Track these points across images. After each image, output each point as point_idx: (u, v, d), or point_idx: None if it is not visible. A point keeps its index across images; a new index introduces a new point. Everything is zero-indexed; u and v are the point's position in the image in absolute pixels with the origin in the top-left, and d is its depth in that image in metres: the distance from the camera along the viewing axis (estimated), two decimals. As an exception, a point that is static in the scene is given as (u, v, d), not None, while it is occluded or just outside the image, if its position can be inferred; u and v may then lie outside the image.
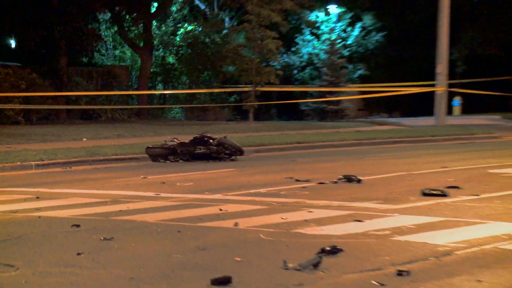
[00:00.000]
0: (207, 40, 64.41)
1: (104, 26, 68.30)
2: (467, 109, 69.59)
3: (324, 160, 38.07)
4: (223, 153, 37.56)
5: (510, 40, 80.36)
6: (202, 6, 66.44)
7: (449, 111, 62.39)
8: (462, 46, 75.18)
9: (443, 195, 27.59)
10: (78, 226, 21.37)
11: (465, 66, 75.57)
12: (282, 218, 23.22)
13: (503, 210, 24.63)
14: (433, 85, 57.93)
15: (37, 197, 27.31)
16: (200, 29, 65.93)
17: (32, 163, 35.86)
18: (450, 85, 60.56)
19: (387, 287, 15.28)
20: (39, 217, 23.16)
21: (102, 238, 19.42)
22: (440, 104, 58.22)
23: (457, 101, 66.50)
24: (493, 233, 21.01)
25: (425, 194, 27.69)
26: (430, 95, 58.68)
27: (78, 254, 17.52)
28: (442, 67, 57.11)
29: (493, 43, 79.31)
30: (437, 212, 24.48)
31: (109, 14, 66.69)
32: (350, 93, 66.32)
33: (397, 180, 31.61)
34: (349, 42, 70.50)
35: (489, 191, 28.65)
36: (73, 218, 22.56)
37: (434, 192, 28.23)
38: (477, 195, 27.51)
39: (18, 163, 35.79)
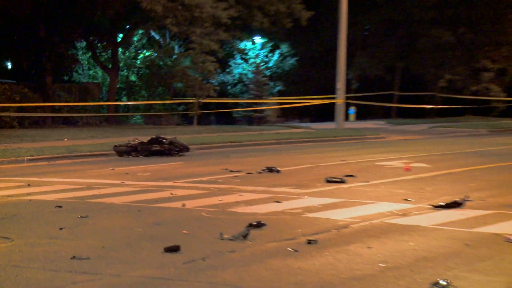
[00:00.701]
0: (161, 63, 64.38)
1: (80, 52, 68.21)
2: (360, 116, 69.87)
3: (251, 155, 38.15)
4: (174, 150, 37.81)
5: (391, 64, 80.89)
6: (157, 37, 66.30)
7: (346, 118, 62.54)
8: (355, 68, 75.39)
9: (342, 181, 28.66)
10: (60, 207, 22.05)
11: (358, 84, 76.02)
12: (219, 200, 24.12)
13: (387, 193, 25.63)
14: (334, 98, 58.20)
15: (28, 184, 27.85)
16: (156, 54, 65.88)
17: (25, 158, 36.27)
18: (347, 98, 60.81)
19: (299, 252, 15.78)
20: (30, 200, 23.88)
21: (79, 216, 20.32)
22: (339, 112, 58.50)
23: (352, 110, 66.65)
24: (380, 211, 22.04)
25: (328, 181, 28.39)
26: (332, 105, 58.89)
27: (60, 228, 18.52)
28: (340, 84, 57.47)
29: (379, 66, 79.54)
30: (338, 195, 25.13)
31: (84, 43, 66.56)
32: (271, 103, 66.37)
33: (307, 171, 32.17)
34: (270, 64, 70.50)
35: (376, 178, 29.32)
36: (56, 201, 23.29)
37: (335, 179, 28.74)
38: (368, 182, 28.42)
39: (13, 158, 36.29)
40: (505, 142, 52.35)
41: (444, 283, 13.67)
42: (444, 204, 23.41)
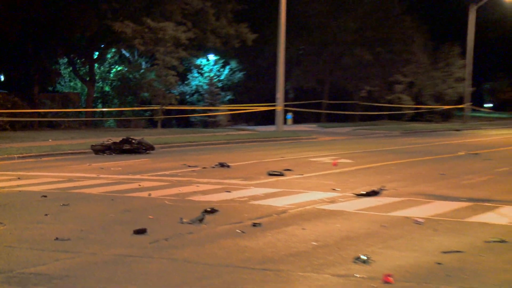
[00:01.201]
0: (130, 76, 64.10)
1: (63, 67, 67.74)
2: (296, 121, 69.74)
3: (206, 153, 38.03)
4: (141, 148, 37.65)
5: (321, 77, 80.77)
6: (127, 54, 66.02)
7: (285, 122, 62.47)
8: (292, 81, 75.24)
9: (281, 174, 28.71)
10: (45, 196, 21.88)
11: (294, 94, 75.91)
12: (179, 190, 24.20)
13: (318, 184, 25.83)
14: (274, 105, 58.07)
15: (19, 178, 27.72)
16: (126, 69, 65.55)
17: (15, 155, 35.87)
18: (285, 106, 60.56)
19: (246, 234, 15.86)
20: (19, 191, 23.78)
21: (61, 204, 20.30)
22: (279, 117, 58.39)
23: (289, 115, 66.53)
24: (312, 198, 22.21)
25: (270, 174, 28.39)
26: (273, 111, 58.83)
27: (46, 215, 18.64)
28: (280, 94, 57.31)
29: (311, 79, 79.53)
30: (277, 185, 25.18)
31: (66, 59, 66.12)
32: (222, 110, 66.26)
33: (252, 166, 32.10)
34: (221, 78, 70.29)
35: (309, 172, 29.37)
36: (42, 191, 23.07)
37: (275, 172, 28.72)
38: (302, 175, 28.52)
39: (5, 155, 35.90)
40: (414, 141, 52.68)
41: (364, 257, 14.00)
42: (364, 192, 23.67)
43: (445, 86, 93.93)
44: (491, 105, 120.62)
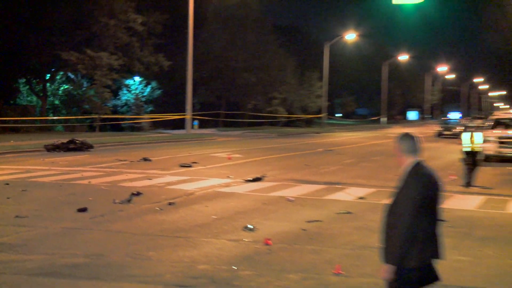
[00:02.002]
0: (75, 92, 63.14)
1: (22, 85, 66.25)
2: (201, 126, 69.50)
3: (133, 150, 37.48)
4: (83, 147, 37.04)
5: (220, 94, 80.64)
6: (72, 76, 64.94)
7: (192, 127, 62.35)
8: (198, 97, 74.91)
9: (190, 166, 28.70)
10: (8, 184, 21.50)
11: (200, 106, 75.53)
12: (112, 178, 23.30)
13: (217, 173, 25.80)
14: (184, 114, 57.71)
15: (-13, 170, 26.40)
16: (71, 87, 64.56)
17: (-17, 154, 34.75)
18: (193, 115, 60.18)
19: (163, 210, 16.25)
20: None
21: (21, 190, 19.99)
22: (188, 124, 57.94)
23: (195, 122, 66.27)
24: (213, 184, 22.26)
25: (181, 166, 28.33)
26: (183, 119, 58.59)
27: (8, 198, 18.32)
28: (188, 106, 56.80)
29: (212, 96, 79.27)
30: (187, 174, 24.97)
31: (24, 79, 64.74)
32: (145, 118, 65.73)
33: (168, 159, 31.74)
34: (145, 94, 69.58)
35: (210, 164, 29.17)
36: (5, 180, 22.76)
37: (186, 164, 28.53)
38: (205, 166, 28.50)
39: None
40: (286, 141, 52.88)
41: (251, 226, 14.33)
42: (251, 179, 23.72)
43: (309, 101, 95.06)
44: (340, 114, 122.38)
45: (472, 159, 23.39)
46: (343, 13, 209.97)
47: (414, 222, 6.13)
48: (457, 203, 19.22)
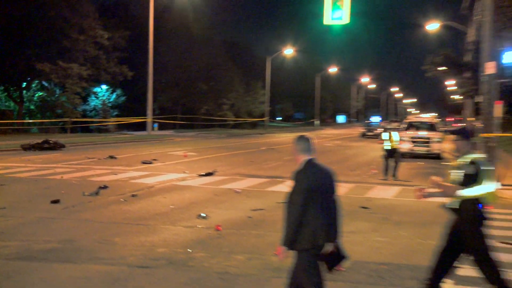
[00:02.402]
0: (48, 99, 61.93)
1: (0, 92, 64.89)
2: (160, 128, 68.93)
3: (100, 149, 36.97)
4: (56, 146, 36.42)
5: (177, 100, 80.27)
6: (46, 84, 63.78)
7: (153, 129, 61.99)
8: (158, 102, 74.40)
9: (150, 163, 28.37)
10: None
11: (159, 110, 74.89)
12: (82, 174, 22.93)
13: (174, 169, 25.60)
14: (145, 118, 57.32)
15: (-29, 166, 25.91)
16: (46, 94, 63.44)
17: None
18: (153, 118, 59.79)
19: (127, 201, 16.51)
20: None
21: (0, 185, 18.77)
22: (149, 126, 57.49)
23: (155, 125, 65.77)
24: (170, 178, 22.16)
25: (143, 162, 28.17)
26: (145, 122, 58.22)
27: None
28: (149, 111, 56.46)
29: (170, 101, 78.78)
30: (148, 170, 24.72)
31: (2, 87, 63.54)
32: (111, 121, 65.13)
33: (131, 157, 31.29)
34: (111, 100, 68.81)
35: (169, 161, 28.90)
36: None
37: (147, 161, 28.27)
38: (164, 162, 28.15)
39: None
40: (234, 141, 52.78)
41: (203, 215, 14.30)
42: (204, 173, 23.64)
43: (253, 106, 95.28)
44: (280, 118, 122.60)
45: (392, 155, 23.74)
46: (283, 31, 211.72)
47: (304, 211, 6.46)
48: (377, 193, 19.72)
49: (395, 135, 24.27)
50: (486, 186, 7.65)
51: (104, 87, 66.58)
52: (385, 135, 24.49)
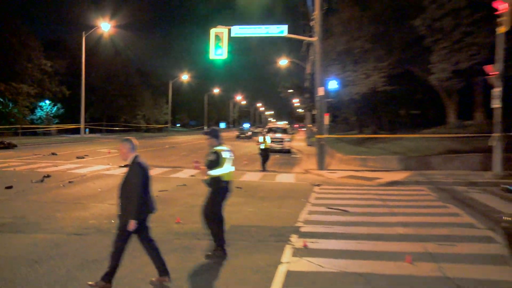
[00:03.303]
0: (3, 111, 58.78)
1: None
2: (91, 132, 66.82)
3: (45, 148, 35.27)
4: (10, 146, 34.51)
5: (103, 110, 78.19)
6: (2, 99, 60.80)
7: (85, 133, 60.11)
8: (90, 113, 72.07)
9: (83, 157, 27.18)
10: None
11: (90, 119, 72.18)
12: (31, 166, 21.96)
13: (102, 162, 24.73)
14: (79, 125, 55.56)
15: None
16: (1, 107, 59.97)
17: None
18: (85, 125, 58.22)
19: (65, 186, 15.91)
20: None
21: None
22: (82, 130, 55.92)
23: (87, 130, 63.72)
24: (98, 169, 21.30)
25: (77, 157, 27.43)
26: (79, 128, 56.56)
27: None
28: (82, 119, 54.82)
29: (98, 112, 76.56)
30: (82, 163, 24.05)
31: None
32: (53, 127, 62.59)
33: (69, 154, 30.16)
34: (53, 111, 65.81)
35: (97, 156, 28.20)
36: None
37: (80, 156, 27.46)
38: (94, 157, 27.02)
39: None
40: (146, 142, 51.70)
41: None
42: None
43: (159, 116, 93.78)
44: (179, 125, 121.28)
45: (266, 153, 23.86)
46: (181, 61, 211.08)
47: (140, 192, 6.86)
48: (247, 177, 19.84)
49: (268, 139, 24.52)
50: (223, 169, 8.37)
51: (47, 102, 63.86)
52: (261, 138, 24.27)
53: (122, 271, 6.95)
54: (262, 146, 23.75)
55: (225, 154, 8.46)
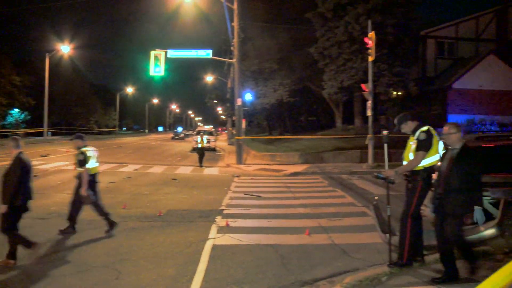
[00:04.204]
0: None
1: None
2: (53, 135, 63.23)
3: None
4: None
5: (63, 117, 74.26)
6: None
7: (48, 135, 57.00)
8: (51, 119, 68.08)
9: (46, 156, 25.30)
10: None
11: (52, 124, 68.00)
12: (2, 163, 20.56)
13: (61, 159, 23.12)
14: (43, 129, 52.55)
15: None
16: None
17: None
18: (48, 129, 55.24)
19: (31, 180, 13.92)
20: None
21: None
22: (45, 133, 52.89)
23: (49, 133, 60.34)
24: (59, 165, 19.95)
25: (41, 156, 25.41)
26: (42, 132, 53.58)
27: None
28: (45, 124, 51.92)
29: (58, 118, 72.51)
30: (45, 160, 22.70)
31: None
32: (21, 131, 58.88)
33: (34, 152, 27.86)
34: (21, 118, 61.68)
35: (58, 155, 26.48)
36: None
37: (44, 155, 25.64)
38: (55, 155, 25.36)
39: None
40: (98, 142, 49.48)
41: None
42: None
43: (109, 122, 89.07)
44: (125, 128, 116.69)
45: (202, 151, 22.88)
46: (127, 75, 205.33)
47: (17, 183, 6.55)
48: (181, 171, 19.42)
49: (205, 139, 23.52)
50: (89, 164, 8.36)
51: (16, 110, 59.94)
52: (199, 139, 23.27)
53: None
54: (199, 146, 22.96)
55: (89, 153, 8.35)
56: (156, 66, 21.86)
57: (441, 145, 5.78)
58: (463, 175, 5.09)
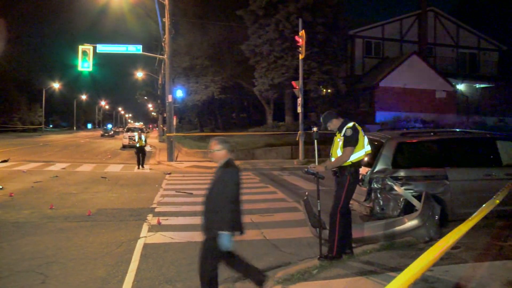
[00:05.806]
0: None
1: None
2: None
3: None
4: None
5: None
6: None
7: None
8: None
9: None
10: None
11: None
12: None
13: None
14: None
15: None
16: None
17: None
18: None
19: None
20: None
21: None
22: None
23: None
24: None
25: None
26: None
27: None
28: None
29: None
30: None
31: None
32: None
33: None
34: None
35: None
36: None
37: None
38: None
39: None
40: (22, 140, 46.63)
41: (1, 186, 12.45)
42: (1, 161, 20.38)
43: (34, 119, 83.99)
44: (51, 125, 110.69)
45: (142, 151, 21.45)
46: (54, 70, 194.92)
47: None
48: (111, 169, 18.81)
49: (143, 137, 22.22)
50: None
51: None
52: (137, 137, 21.32)
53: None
54: (137, 145, 20.87)
55: None
56: (84, 61, 21.05)
57: (366, 140, 6.02)
58: (219, 194, 4.68)
